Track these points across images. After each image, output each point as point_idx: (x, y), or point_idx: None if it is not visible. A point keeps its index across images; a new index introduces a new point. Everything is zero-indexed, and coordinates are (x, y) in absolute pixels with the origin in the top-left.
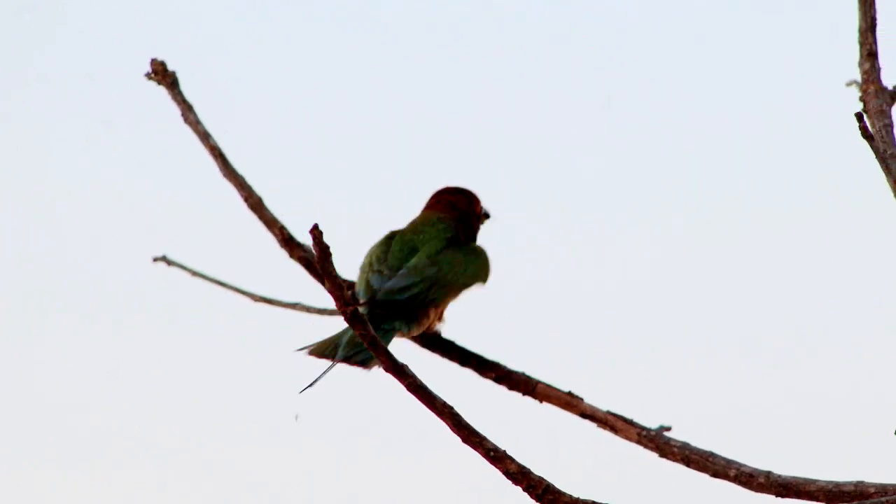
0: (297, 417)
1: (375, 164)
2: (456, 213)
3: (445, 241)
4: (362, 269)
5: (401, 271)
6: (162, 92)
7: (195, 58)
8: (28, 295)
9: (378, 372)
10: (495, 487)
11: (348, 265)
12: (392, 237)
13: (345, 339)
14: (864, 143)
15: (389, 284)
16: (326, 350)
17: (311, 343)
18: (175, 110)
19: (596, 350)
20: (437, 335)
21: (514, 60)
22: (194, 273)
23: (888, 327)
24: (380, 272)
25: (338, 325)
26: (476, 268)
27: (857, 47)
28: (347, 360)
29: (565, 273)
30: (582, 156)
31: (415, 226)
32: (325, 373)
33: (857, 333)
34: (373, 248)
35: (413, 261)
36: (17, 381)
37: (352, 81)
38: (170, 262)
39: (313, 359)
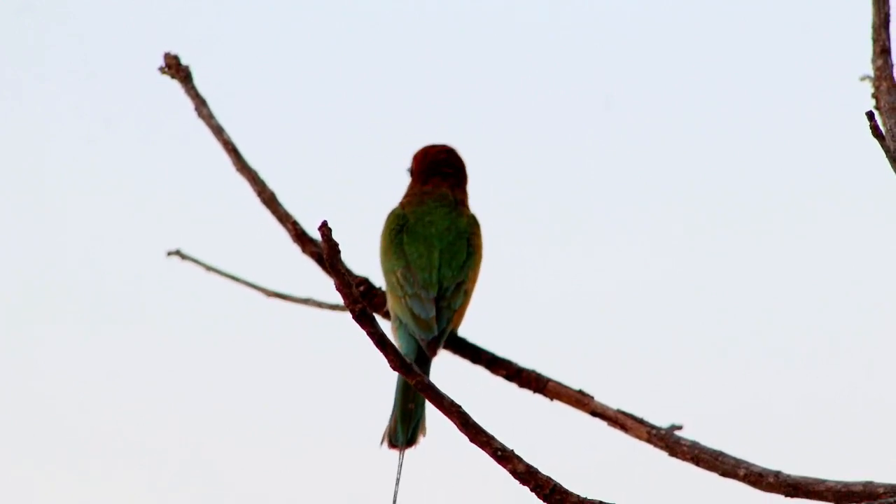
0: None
1: (384, 160)
2: (448, 177)
3: (456, 233)
4: (394, 289)
5: (443, 309)
6: (167, 89)
7: (200, 55)
8: (37, 294)
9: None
10: (503, 487)
11: (361, 259)
12: (400, 229)
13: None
14: (875, 142)
15: (440, 328)
16: (392, 436)
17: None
18: (183, 106)
19: (607, 348)
20: (452, 332)
21: (514, 60)
22: (208, 268)
23: None
24: (418, 297)
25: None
26: (480, 262)
27: (870, 44)
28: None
29: (576, 272)
30: (582, 156)
31: (415, 208)
32: (400, 468)
33: (866, 333)
34: (387, 249)
35: (445, 282)
36: (33, 380)
37: (359, 79)
38: (184, 257)
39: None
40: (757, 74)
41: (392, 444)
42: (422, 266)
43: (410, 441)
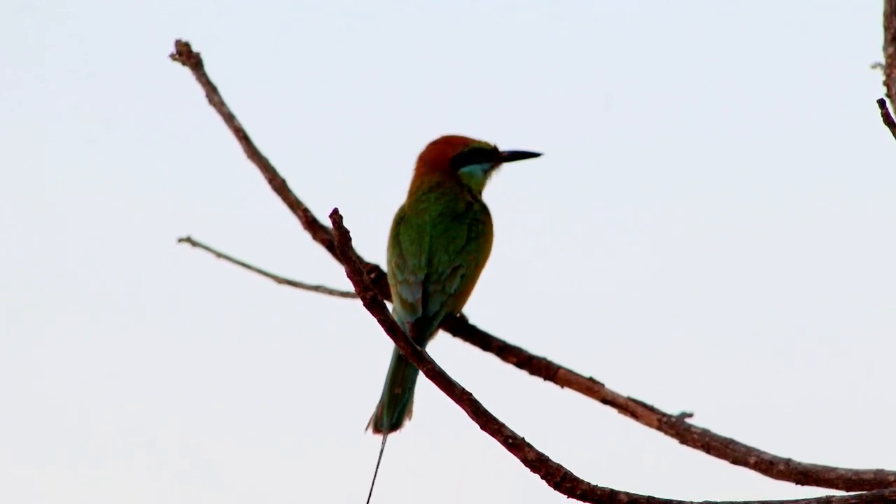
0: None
1: (393, 149)
2: (445, 168)
3: (451, 218)
4: (390, 279)
5: (434, 293)
6: (167, 88)
7: (203, 53)
8: (37, 294)
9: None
10: (514, 474)
11: (372, 247)
12: (400, 220)
13: (385, 405)
14: (886, 131)
15: (429, 311)
16: (378, 421)
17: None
18: (183, 104)
19: (617, 336)
20: (464, 321)
21: (514, 60)
22: (219, 254)
23: None
24: (406, 282)
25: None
26: (486, 248)
27: (881, 31)
28: (394, 428)
29: (587, 261)
30: (582, 156)
31: (413, 201)
32: (381, 452)
33: (877, 321)
34: (388, 242)
35: (440, 267)
36: (33, 379)
37: (365, 73)
38: (194, 244)
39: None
40: (759, 71)
41: (377, 429)
42: (413, 252)
43: (395, 425)
